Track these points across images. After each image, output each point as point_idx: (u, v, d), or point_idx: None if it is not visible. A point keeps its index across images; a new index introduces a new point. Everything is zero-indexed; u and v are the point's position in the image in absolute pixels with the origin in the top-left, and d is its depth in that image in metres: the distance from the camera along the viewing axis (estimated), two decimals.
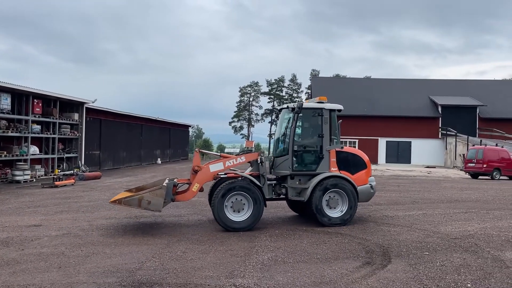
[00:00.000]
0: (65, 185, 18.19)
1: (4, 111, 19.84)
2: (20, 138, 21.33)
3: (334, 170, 9.37)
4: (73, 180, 19.27)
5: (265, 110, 79.17)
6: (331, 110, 9.59)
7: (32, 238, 8.15)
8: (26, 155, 20.92)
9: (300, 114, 9.40)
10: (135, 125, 37.08)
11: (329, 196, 9.24)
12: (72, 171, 22.63)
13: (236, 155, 9.58)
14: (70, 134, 25.41)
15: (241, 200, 8.86)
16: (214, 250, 7.34)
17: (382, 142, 42.93)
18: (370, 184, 9.64)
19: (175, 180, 9.44)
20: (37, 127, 22.16)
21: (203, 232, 8.80)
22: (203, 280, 5.76)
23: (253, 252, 7.19)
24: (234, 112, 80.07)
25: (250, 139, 75.00)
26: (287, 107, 9.78)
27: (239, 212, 8.84)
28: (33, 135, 21.71)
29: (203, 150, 9.93)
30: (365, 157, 9.88)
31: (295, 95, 79.65)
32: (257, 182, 9.05)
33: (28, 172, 20.12)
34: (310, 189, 9.09)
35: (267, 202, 9.55)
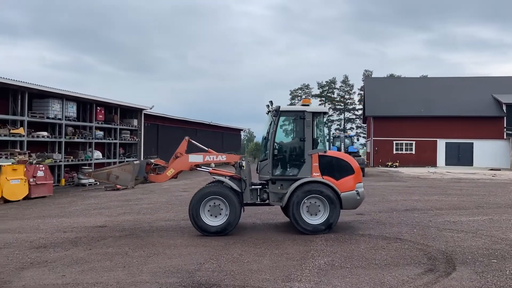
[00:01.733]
0: (126, 188, 19.07)
1: (71, 118, 21.20)
2: (85, 143, 22.70)
3: (317, 175, 8.91)
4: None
5: None
6: (314, 113, 9.15)
7: (98, 238, 8.63)
8: (91, 160, 22.22)
9: (282, 118, 9.20)
10: (189, 129, 38.14)
11: (310, 202, 8.83)
12: None
13: (218, 153, 9.52)
14: (130, 139, 26.64)
15: (219, 204, 8.79)
16: (270, 253, 7.37)
17: (441, 144, 41.01)
18: (356, 191, 9.03)
19: (152, 160, 9.62)
20: (100, 133, 23.46)
21: (258, 235, 8.87)
22: (260, 283, 5.81)
23: (309, 256, 7.14)
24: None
25: None
26: (269, 110, 9.39)
27: (216, 216, 8.76)
28: (97, 140, 23.00)
29: (192, 140, 9.88)
30: (353, 162, 9.27)
31: (347, 96, 78.25)
32: (235, 187, 8.91)
33: None
34: (287, 194, 8.82)
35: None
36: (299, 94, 79.31)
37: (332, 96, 78.31)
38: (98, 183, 21.59)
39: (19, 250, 7.62)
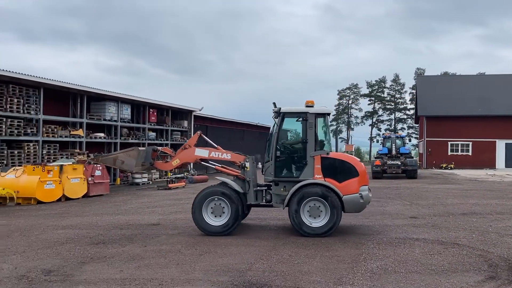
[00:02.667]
0: (177, 188, 19.66)
1: (125, 120, 22.14)
2: (138, 144, 23.61)
3: (319, 178, 8.70)
4: (183, 183, 20.71)
5: (365, 112, 76.72)
6: (317, 115, 8.97)
7: (152, 235, 8.94)
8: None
9: (286, 119, 9.06)
10: (237, 130, 38.60)
11: (311, 205, 8.64)
12: (182, 175, 24.29)
13: (224, 151, 9.53)
14: (180, 140, 27.39)
15: (220, 204, 8.85)
16: (320, 255, 7.30)
17: (500, 145, 38.74)
18: (360, 194, 8.70)
19: (160, 148, 9.87)
20: (152, 134, 24.33)
21: (308, 236, 8.80)
22: (311, 285, 5.77)
23: (361, 260, 6.99)
24: (333, 115, 78.94)
25: (349, 142, 73.20)
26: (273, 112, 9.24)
27: (220, 216, 8.82)
28: (149, 141, 23.86)
29: (204, 136, 10.07)
30: (358, 165, 8.96)
31: (397, 96, 75.89)
32: (237, 188, 8.92)
33: (146, 175, 22.15)
34: (288, 196, 8.68)
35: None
36: (348, 94, 77.90)
37: (382, 95, 76.20)
38: (150, 183, 22.39)
39: (80, 246, 8.06)
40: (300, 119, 8.99)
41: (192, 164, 28.05)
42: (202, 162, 9.66)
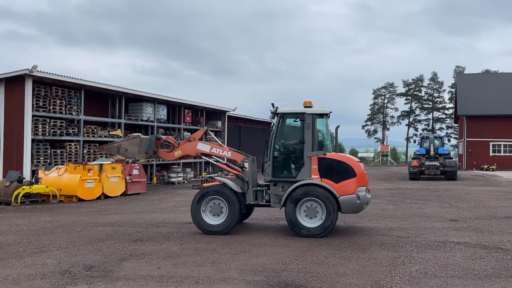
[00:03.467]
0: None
1: (162, 120, 22.62)
2: None
3: (315, 178, 8.66)
4: (217, 182, 20.90)
5: (401, 112, 74.85)
6: (314, 115, 8.93)
7: (188, 234, 9.08)
8: (179, 160, 23.48)
9: (283, 120, 9.09)
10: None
11: (308, 205, 8.63)
12: (216, 174, 24.53)
13: (226, 148, 9.63)
14: (214, 140, 27.68)
15: (219, 204, 9.01)
16: (357, 257, 7.18)
17: None
18: (357, 195, 8.56)
19: (163, 137, 10.11)
20: (187, 134, 24.69)
21: (343, 238, 8.69)
22: (348, 287, 5.69)
23: (399, 263, 6.83)
24: (367, 115, 77.49)
25: (385, 143, 71.62)
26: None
27: (218, 215, 8.98)
28: None
29: (210, 132, 10.28)
30: (355, 165, 8.79)
31: (436, 94, 73.60)
32: (234, 187, 9.02)
33: (181, 174, 22.56)
34: (284, 197, 8.73)
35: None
36: (383, 93, 76.28)
37: (419, 94, 74.14)
38: (186, 182, 22.77)
39: (119, 243, 8.29)
40: (298, 119, 9.03)
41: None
42: (203, 157, 9.91)
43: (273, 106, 9.26)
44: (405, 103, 74.80)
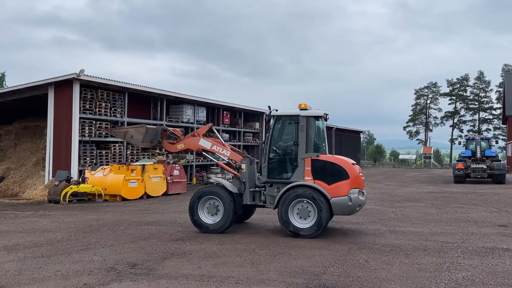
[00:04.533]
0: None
1: (201, 122, 22.99)
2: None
3: (309, 180, 8.80)
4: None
5: (445, 112, 72.21)
6: (308, 117, 9.04)
7: (228, 234, 9.13)
8: (218, 161, 23.77)
9: (279, 122, 9.29)
10: None
11: (299, 207, 8.79)
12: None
13: (226, 147, 9.86)
14: (252, 141, 27.84)
15: (215, 203, 9.31)
16: (399, 262, 7.00)
17: None
18: (349, 197, 8.61)
19: (170, 128, 10.42)
20: (226, 136, 25.00)
21: (384, 242, 8.50)
22: None
23: (444, 269, 6.59)
24: (409, 116, 75.29)
25: (427, 144, 69.30)
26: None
27: (215, 214, 9.29)
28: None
29: (215, 130, 10.60)
30: (349, 167, 8.85)
31: (482, 94, 70.48)
32: (229, 188, 9.29)
33: (220, 175, 22.79)
34: (277, 197, 8.95)
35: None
36: (426, 93, 73.89)
37: (465, 94, 71.26)
38: None
39: (161, 241, 8.50)
40: (292, 122, 9.18)
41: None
42: (204, 153, 10.21)
43: (270, 109, 9.47)
44: (449, 104, 72.15)
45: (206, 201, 9.41)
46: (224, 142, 10.21)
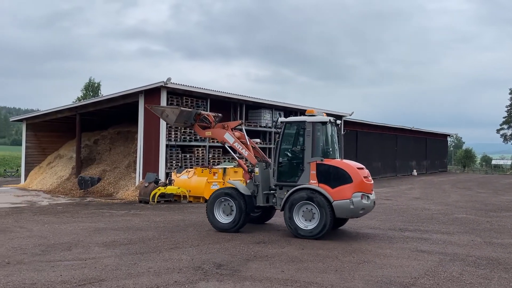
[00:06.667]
0: None
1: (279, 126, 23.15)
2: None
3: (313, 183, 9.18)
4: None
5: None
6: (314, 123, 9.41)
7: (308, 239, 9.09)
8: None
9: (287, 128, 9.78)
10: (388, 135, 36.85)
11: (304, 209, 9.18)
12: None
13: (247, 147, 10.38)
14: None
15: (229, 204, 9.89)
16: (498, 277, 6.44)
17: None
18: (351, 200, 8.83)
19: (204, 113, 11.10)
20: None
21: (479, 254, 7.88)
22: None
23: None
24: (503, 117, 68.97)
25: None
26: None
27: (229, 215, 9.88)
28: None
29: (243, 129, 11.07)
30: (353, 171, 9.07)
31: None
32: (242, 190, 9.82)
33: None
34: (283, 200, 9.40)
35: None
36: None
37: None
38: None
39: (243, 244, 8.69)
40: (299, 128, 9.61)
41: None
42: (226, 146, 10.71)
43: (280, 116, 9.89)
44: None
45: (221, 202, 10.03)
46: (248, 143, 10.73)
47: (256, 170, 10.00)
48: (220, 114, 12.02)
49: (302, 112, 25.08)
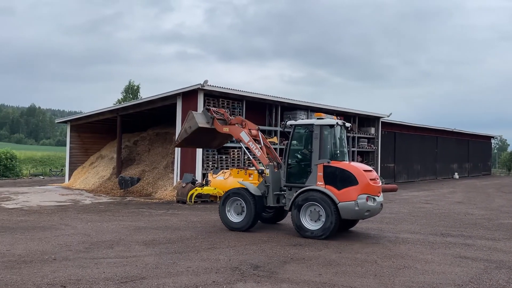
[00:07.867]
0: None
1: None
2: None
3: (320, 185, 9.33)
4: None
5: None
6: (322, 126, 9.59)
7: (346, 243, 8.97)
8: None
9: (296, 131, 9.98)
10: (428, 137, 35.76)
11: (312, 210, 9.33)
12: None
13: (260, 148, 10.52)
14: (367, 147, 26.93)
15: (240, 204, 10.15)
16: None
17: None
18: (356, 202, 8.92)
19: (212, 108, 11.50)
20: None
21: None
22: None
23: None
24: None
25: None
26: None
27: (240, 214, 10.14)
28: None
29: (261, 129, 11.24)
30: (359, 174, 9.11)
31: None
32: (252, 190, 10.03)
33: None
34: (291, 200, 9.58)
35: None
36: None
37: None
38: None
39: (280, 245, 8.69)
40: (308, 130, 9.75)
41: (379, 172, 27.28)
42: (242, 145, 10.91)
43: (289, 119, 10.34)
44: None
45: (233, 201, 10.30)
46: (262, 143, 10.93)
47: (267, 171, 10.28)
48: (228, 110, 12.36)
49: (338, 113, 24.77)
